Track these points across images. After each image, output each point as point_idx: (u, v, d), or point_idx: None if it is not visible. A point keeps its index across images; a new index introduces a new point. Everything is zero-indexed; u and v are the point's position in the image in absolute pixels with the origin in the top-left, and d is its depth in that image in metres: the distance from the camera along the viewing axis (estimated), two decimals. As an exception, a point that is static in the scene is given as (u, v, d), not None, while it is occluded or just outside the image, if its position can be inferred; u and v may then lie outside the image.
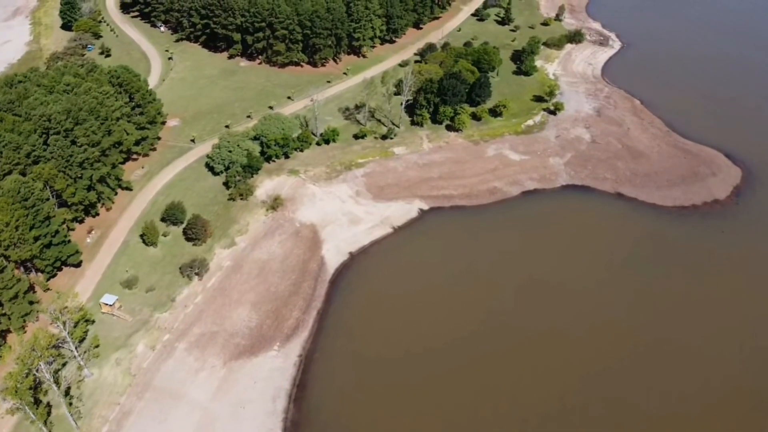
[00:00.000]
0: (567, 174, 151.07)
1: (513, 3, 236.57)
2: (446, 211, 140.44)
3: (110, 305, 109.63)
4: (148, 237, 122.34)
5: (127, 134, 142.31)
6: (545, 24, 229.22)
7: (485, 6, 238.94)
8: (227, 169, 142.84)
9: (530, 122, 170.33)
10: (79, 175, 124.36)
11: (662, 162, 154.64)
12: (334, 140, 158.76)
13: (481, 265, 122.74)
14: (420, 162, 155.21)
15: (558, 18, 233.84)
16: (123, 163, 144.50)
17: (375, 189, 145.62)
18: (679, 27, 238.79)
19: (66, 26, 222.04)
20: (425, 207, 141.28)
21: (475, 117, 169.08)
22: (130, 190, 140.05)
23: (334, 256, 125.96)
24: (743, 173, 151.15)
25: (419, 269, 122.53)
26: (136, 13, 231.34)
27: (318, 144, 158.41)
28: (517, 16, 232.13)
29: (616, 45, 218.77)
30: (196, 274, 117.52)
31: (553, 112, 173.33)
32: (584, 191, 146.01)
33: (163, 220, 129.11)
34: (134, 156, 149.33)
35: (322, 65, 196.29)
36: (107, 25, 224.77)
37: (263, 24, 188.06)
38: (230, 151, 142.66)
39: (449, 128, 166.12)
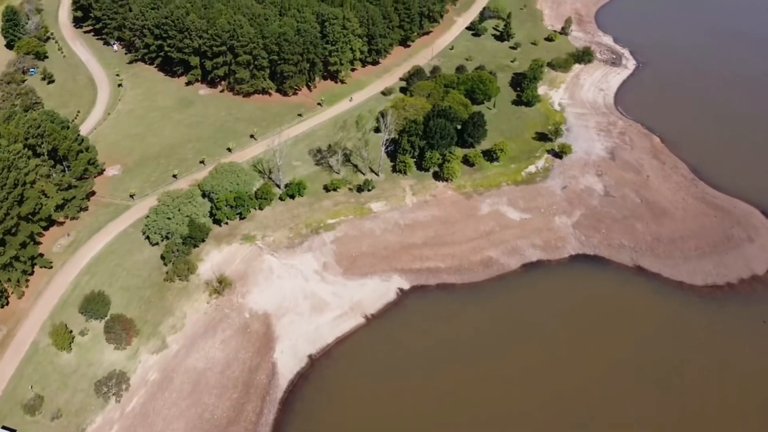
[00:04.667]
0: (576, 239, 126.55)
1: (513, 14, 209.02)
2: (431, 292, 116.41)
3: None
4: (57, 342, 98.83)
5: (47, 198, 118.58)
6: (549, 39, 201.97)
7: (482, 18, 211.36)
8: (166, 238, 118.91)
9: (532, 168, 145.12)
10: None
11: (689, 222, 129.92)
12: (300, 194, 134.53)
13: (476, 373, 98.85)
14: (402, 222, 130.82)
15: (564, 31, 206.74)
16: (46, 229, 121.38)
17: (346, 260, 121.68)
18: (705, 41, 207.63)
19: (10, 45, 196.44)
20: (406, 285, 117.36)
21: (468, 161, 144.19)
22: (49, 267, 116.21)
23: (289, 361, 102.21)
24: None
25: (397, 382, 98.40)
26: (90, 28, 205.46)
27: (281, 199, 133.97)
28: (517, 30, 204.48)
29: (630, 64, 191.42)
30: (113, 394, 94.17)
31: (558, 155, 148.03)
32: (597, 264, 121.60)
33: (82, 312, 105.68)
34: (60, 220, 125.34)
35: (294, 94, 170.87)
36: (56, 42, 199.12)
37: (223, 48, 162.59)
38: (169, 219, 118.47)
39: (436, 176, 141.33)
